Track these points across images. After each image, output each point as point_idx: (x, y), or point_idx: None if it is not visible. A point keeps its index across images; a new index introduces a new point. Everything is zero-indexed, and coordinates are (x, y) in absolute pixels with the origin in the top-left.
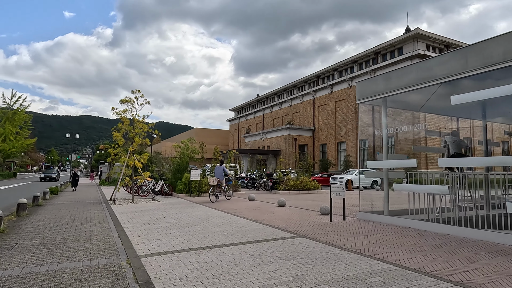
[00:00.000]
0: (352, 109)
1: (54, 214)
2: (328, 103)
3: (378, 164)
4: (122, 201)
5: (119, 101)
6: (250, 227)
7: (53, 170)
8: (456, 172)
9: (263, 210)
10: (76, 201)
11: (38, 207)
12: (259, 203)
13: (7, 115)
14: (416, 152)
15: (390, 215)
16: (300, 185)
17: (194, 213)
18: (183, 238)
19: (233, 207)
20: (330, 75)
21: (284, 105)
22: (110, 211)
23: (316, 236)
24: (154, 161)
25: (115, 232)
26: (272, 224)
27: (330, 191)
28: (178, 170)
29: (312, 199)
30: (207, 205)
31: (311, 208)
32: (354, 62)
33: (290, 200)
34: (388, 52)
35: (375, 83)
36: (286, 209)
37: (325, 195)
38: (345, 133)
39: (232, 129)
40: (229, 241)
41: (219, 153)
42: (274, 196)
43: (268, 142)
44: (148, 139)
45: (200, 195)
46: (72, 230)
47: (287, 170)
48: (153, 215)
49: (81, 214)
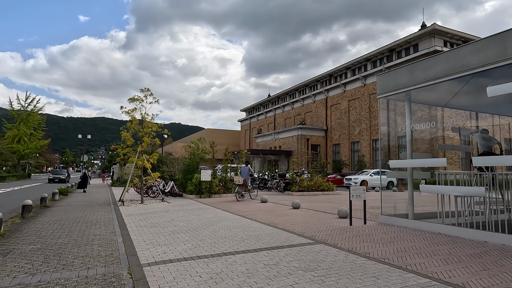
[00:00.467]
0: (366, 108)
1: (60, 216)
2: (341, 102)
3: (403, 164)
4: (131, 202)
5: (128, 100)
6: (263, 231)
7: (63, 171)
8: (486, 172)
9: (277, 213)
10: (84, 202)
11: (45, 209)
12: (272, 205)
13: (21, 117)
14: (441, 150)
15: (415, 218)
16: (314, 186)
17: (204, 216)
18: (191, 244)
19: (244, 209)
20: (343, 73)
21: (296, 104)
22: (117, 213)
23: (336, 243)
24: (165, 161)
25: (119, 236)
26: (287, 228)
27: (350, 193)
28: (188, 171)
29: (327, 201)
30: (218, 206)
31: (328, 210)
32: (367, 60)
33: (305, 202)
34: (403, 49)
35: (399, 76)
36: (301, 212)
37: (340, 196)
38: (359, 132)
39: (243, 130)
40: (240, 248)
41: (230, 153)
42: (287, 197)
43: (280, 142)
44: (157, 139)
45: (211, 196)
46: (75, 234)
47: (300, 170)
48: (161, 218)
49: (88, 216)
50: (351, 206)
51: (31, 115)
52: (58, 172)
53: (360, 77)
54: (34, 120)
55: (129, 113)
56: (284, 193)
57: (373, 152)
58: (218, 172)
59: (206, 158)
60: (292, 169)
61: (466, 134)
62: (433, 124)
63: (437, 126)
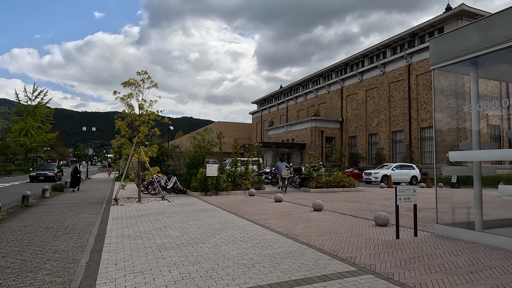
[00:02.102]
0: (385, 98)
1: (35, 219)
2: (358, 92)
3: (469, 156)
4: (128, 200)
5: (122, 84)
6: (281, 248)
7: (51, 166)
8: None
9: (296, 217)
10: (76, 200)
11: (25, 209)
12: (289, 205)
13: (28, 110)
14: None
15: (486, 227)
16: (334, 182)
17: (206, 221)
18: (178, 271)
19: (255, 212)
20: (360, 62)
21: (309, 95)
22: (105, 215)
23: (390, 271)
24: (171, 154)
25: (87, 254)
26: (313, 243)
27: (396, 195)
28: (193, 165)
29: (351, 200)
30: (224, 207)
31: (357, 213)
32: (387, 46)
33: (326, 202)
34: (426, 34)
35: (464, 36)
36: (325, 215)
37: (364, 194)
38: (377, 124)
39: (254, 122)
40: (250, 281)
41: (239, 146)
42: (304, 195)
43: (293, 135)
44: (157, 129)
45: (217, 193)
46: (31, 249)
47: (318, 164)
48: (154, 223)
49: (68, 219)
50: (398, 213)
51: (38, 108)
52: (44, 167)
53: (378, 65)
54: (41, 113)
55: (124, 100)
56: (300, 189)
57: (392, 144)
58: (227, 166)
59: (213, 151)
60: (309, 162)
61: None
62: (506, 102)
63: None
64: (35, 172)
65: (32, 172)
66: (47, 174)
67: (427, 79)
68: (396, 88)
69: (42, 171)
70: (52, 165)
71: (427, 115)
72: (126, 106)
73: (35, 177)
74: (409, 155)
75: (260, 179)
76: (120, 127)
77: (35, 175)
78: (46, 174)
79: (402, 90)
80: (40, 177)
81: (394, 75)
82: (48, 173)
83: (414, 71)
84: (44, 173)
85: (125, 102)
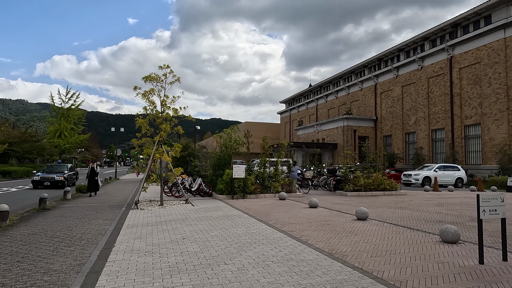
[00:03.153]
0: (423, 94)
1: (44, 225)
2: (393, 88)
3: None
4: (149, 204)
5: (142, 78)
6: (326, 274)
7: (61, 168)
8: None
9: (337, 227)
10: (97, 203)
11: (41, 212)
12: (326, 212)
13: (62, 112)
14: None
15: None
16: (373, 185)
17: (231, 231)
18: None
19: (288, 220)
20: (395, 56)
21: (340, 93)
22: (120, 221)
23: None
24: (197, 155)
25: (81, 278)
26: (368, 267)
27: (479, 206)
28: (219, 166)
29: (397, 206)
30: (253, 213)
31: (411, 224)
32: (425, 39)
33: (369, 208)
34: (470, 23)
35: None
36: (373, 226)
37: (410, 198)
38: (415, 122)
39: (283, 122)
40: None
41: (268, 145)
42: (341, 199)
43: (323, 135)
44: (180, 127)
45: (245, 197)
46: (21, 267)
47: (355, 165)
48: (171, 233)
49: (78, 226)
50: (481, 230)
51: (71, 110)
52: (53, 169)
53: (416, 59)
54: (74, 115)
55: (145, 96)
56: (335, 193)
57: (432, 143)
58: (255, 167)
59: (240, 151)
60: (345, 163)
61: None
62: None
63: None
64: (39, 176)
65: (36, 175)
66: (55, 178)
67: (472, 72)
68: (436, 83)
69: (49, 174)
70: (62, 167)
71: (472, 112)
72: (148, 102)
73: (39, 182)
74: (452, 155)
75: (291, 181)
76: (141, 125)
77: (39, 179)
78: (54, 178)
79: (443, 85)
80: (45, 182)
81: (433, 69)
82: (56, 177)
83: (457, 64)
84: (50, 177)
85: (146, 98)
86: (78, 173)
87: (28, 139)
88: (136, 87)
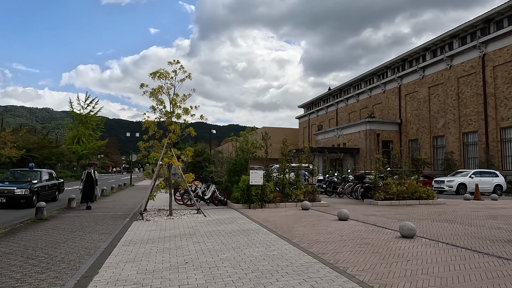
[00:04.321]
0: (453, 95)
1: (28, 241)
2: (419, 90)
3: None
4: (157, 213)
5: (150, 75)
6: None
7: (30, 175)
8: None
9: (379, 248)
10: (101, 212)
11: (36, 223)
12: (359, 225)
13: (80, 118)
14: None
15: None
16: (407, 193)
17: (247, 252)
18: None
19: (316, 236)
20: (420, 56)
21: (361, 96)
22: (118, 236)
23: None
24: (213, 160)
25: None
26: None
27: None
28: (234, 171)
29: (442, 219)
30: (273, 226)
31: (473, 244)
32: (453, 37)
33: (409, 221)
34: (505, 18)
35: None
36: (425, 247)
37: (452, 208)
38: (444, 125)
39: (301, 127)
40: None
41: (289, 148)
42: (372, 210)
43: (344, 139)
44: (192, 128)
45: (263, 206)
46: None
47: (385, 171)
48: (172, 254)
49: (67, 243)
50: None
51: (90, 116)
52: (17, 176)
53: (444, 58)
54: (92, 121)
55: (153, 94)
56: (363, 201)
57: (464, 148)
58: (274, 173)
59: (257, 156)
60: (375, 168)
61: None
62: None
63: None
64: None
65: None
66: (14, 191)
67: (508, 70)
68: (466, 83)
69: (6, 186)
70: (33, 173)
71: (509, 113)
72: (156, 101)
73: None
74: (486, 160)
75: (314, 188)
76: (149, 125)
77: None
78: (13, 191)
79: (474, 85)
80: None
81: (464, 68)
82: (16, 190)
83: (490, 62)
84: (8, 189)
85: (154, 97)
86: (63, 183)
87: (47, 145)
88: (143, 84)
